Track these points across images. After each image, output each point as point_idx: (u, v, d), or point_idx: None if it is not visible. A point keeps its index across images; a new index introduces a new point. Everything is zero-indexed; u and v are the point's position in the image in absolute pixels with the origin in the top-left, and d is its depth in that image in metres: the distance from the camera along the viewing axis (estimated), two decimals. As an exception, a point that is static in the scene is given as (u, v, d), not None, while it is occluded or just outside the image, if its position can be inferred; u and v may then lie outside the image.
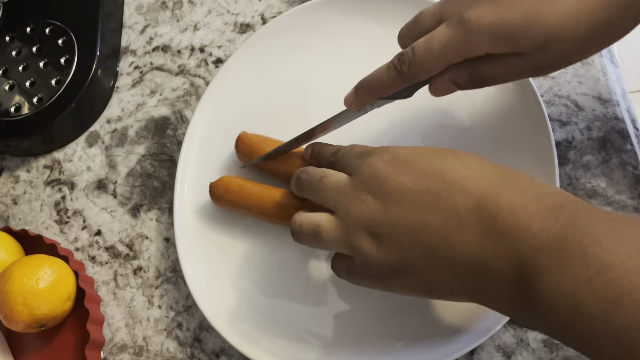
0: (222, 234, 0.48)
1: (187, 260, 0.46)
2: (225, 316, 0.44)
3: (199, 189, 0.49)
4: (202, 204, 0.49)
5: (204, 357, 0.46)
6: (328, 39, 0.51)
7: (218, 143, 0.50)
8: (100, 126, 0.56)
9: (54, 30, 0.57)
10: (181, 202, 0.48)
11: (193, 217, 0.48)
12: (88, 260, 0.52)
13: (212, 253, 0.47)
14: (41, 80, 0.56)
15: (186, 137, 0.50)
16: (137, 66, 0.57)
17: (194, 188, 0.49)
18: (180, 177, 0.49)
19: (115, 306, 0.49)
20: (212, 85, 0.51)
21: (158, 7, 0.59)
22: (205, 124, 0.51)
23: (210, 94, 0.51)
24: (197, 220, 0.48)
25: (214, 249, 0.47)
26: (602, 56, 0.48)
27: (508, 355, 0.42)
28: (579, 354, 0.41)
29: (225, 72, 0.51)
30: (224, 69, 0.51)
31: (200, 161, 0.50)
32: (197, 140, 0.50)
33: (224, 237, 0.48)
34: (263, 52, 0.52)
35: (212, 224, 0.48)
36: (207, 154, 0.50)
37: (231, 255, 0.47)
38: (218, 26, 0.57)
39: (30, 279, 0.45)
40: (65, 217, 0.54)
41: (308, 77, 0.51)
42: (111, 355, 0.48)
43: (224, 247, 0.47)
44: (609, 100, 0.47)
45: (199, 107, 0.51)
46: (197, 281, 0.46)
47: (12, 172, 0.57)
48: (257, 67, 0.52)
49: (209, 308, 0.44)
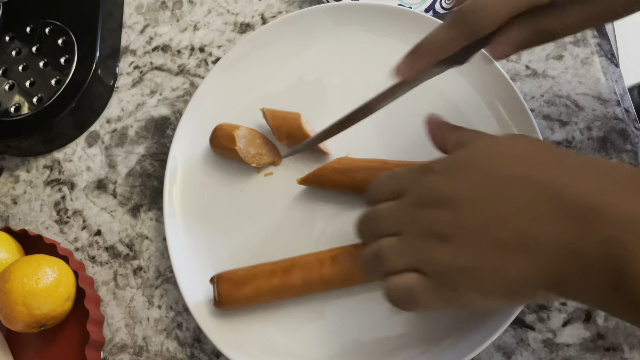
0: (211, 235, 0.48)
1: (182, 271, 0.46)
2: (219, 325, 0.44)
3: (186, 189, 0.49)
4: (189, 207, 0.49)
5: (204, 357, 0.46)
6: (317, 47, 0.51)
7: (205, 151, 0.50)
8: (100, 126, 0.56)
9: (54, 30, 0.57)
10: (170, 205, 0.49)
11: (183, 222, 0.48)
12: (88, 260, 0.51)
13: (203, 256, 0.47)
14: (41, 80, 0.56)
15: (173, 143, 0.50)
16: (137, 66, 0.57)
17: (181, 189, 0.49)
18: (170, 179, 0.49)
19: (115, 306, 0.49)
20: (200, 91, 0.51)
21: (158, 7, 0.59)
22: (190, 135, 0.50)
23: (196, 103, 0.51)
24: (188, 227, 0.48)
25: (205, 250, 0.47)
26: (602, 56, 0.48)
27: (508, 355, 0.42)
28: (579, 355, 0.41)
29: (211, 79, 0.51)
30: (211, 75, 0.51)
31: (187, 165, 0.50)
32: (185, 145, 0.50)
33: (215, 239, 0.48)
34: (252, 58, 0.52)
35: (202, 229, 0.48)
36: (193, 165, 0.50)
37: (224, 259, 0.47)
38: (218, 26, 0.57)
39: (30, 279, 0.45)
40: (65, 217, 0.54)
41: (297, 85, 0.51)
42: (111, 355, 0.48)
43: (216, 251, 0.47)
44: (609, 100, 0.47)
45: (186, 114, 0.51)
46: (191, 289, 0.46)
47: (12, 172, 0.57)
48: (246, 74, 0.52)
49: (200, 314, 0.44)
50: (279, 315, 0.44)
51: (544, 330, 0.42)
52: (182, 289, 0.45)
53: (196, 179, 0.50)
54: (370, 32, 0.51)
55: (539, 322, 0.42)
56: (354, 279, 0.42)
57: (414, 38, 0.49)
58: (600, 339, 0.41)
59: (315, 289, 0.42)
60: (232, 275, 0.43)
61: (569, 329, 0.42)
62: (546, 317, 0.42)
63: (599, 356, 0.41)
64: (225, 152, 0.48)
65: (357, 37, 0.51)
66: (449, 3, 0.35)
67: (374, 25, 0.50)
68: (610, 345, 0.41)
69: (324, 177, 0.45)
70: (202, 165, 0.50)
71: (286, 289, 0.42)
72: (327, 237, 0.46)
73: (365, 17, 0.50)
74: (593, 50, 0.48)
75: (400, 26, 0.49)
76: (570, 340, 0.42)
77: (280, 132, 0.47)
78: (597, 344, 0.41)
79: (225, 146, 0.47)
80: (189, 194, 0.49)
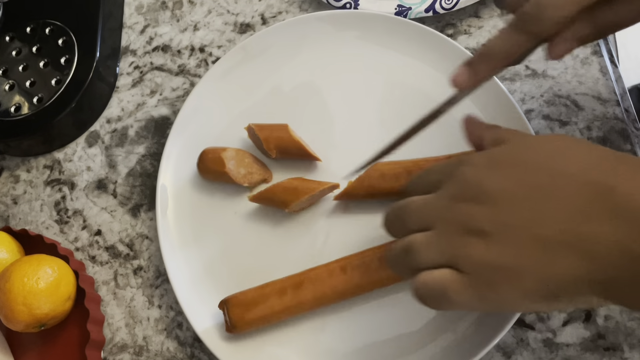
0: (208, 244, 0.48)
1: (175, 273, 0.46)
2: (214, 329, 0.44)
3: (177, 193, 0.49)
4: (181, 211, 0.49)
5: (204, 357, 0.46)
6: (316, 52, 0.51)
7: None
8: (100, 126, 0.56)
9: (54, 30, 0.57)
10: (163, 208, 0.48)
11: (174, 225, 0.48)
12: (88, 260, 0.52)
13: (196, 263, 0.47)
14: (41, 80, 0.56)
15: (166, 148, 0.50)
16: (137, 66, 0.57)
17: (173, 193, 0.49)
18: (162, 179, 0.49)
19: (115, 306, 0.49)
20: (191, 98, 0.51)
21: (158, 7, 0.59)
22: (176, 163, 0.50)
23: (179, 129, 0.50)
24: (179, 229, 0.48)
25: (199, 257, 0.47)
26: (602, 56, 0.48)
27: (508, 355, 0.42)
28: (579, 355, 0.41)
29: (204, 86, 0.51)
30: (204, 80, 0.51)
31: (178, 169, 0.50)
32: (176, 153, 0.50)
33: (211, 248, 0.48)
34: (251, 63, 0.52)
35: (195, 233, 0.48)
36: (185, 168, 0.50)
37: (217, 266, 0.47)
38: (218, 26, 0.57)
39: (30, 278, 0.45)
40: (65, 217, 0.54)
41: (294, 90, 0.51)
42: (111, 355, 0.48)
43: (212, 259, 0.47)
44: (608, 100, 0.47)
45: (178, 120, 0.50)
46: (186, 293, 0.46)
47: (12, 172, 0.57)
48: (242, 80, 0.51)
49: (213, 341, 0.44)
50: (292, 332, 0.44)
51: (544, 330, 0.42)
52: (190, 319, 0.44)
53: (187, 207, 0.49)
54: (365, 40, 0.50)
55: (538, 322, 0.42)
56: (365, 287, 0.41)
57: (408, 47, 0.49)
58: (600, 339, 0.41)
59: (327, 301, 0.42)
60: (241, 297, 0.42)
61: (569, 328, 0.42)
62: (546, 317, 0.42)
63: (599, 356, 0.41)
64: (215, 176, 0.47)
65: (350, 45, 0.51)
66: (504, 7, 0.35)
67: (370, 34, 0.50)
68: (610, 345, 0.41)
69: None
70: (191, 193, 0.49)
71: (299, 304, 0.41)
72: (330, 247, 0.45)
73: (361, 26, 0.50)
74: (593, 51, 0.48)
75: (395, 35, 0.49)
76: (570, 340, 0.42)
77: (269, 142, 0.46)
78: (597, 344, 0.41)
79: (215, 169, 0.46)
80: (182, 223, 0.48)
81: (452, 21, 0.52)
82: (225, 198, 0.48)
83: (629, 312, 0.41)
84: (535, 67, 0.49)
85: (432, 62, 0.48)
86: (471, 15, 0.52)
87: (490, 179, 0.30)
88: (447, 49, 0.48)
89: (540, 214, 0.29)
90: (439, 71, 0.48)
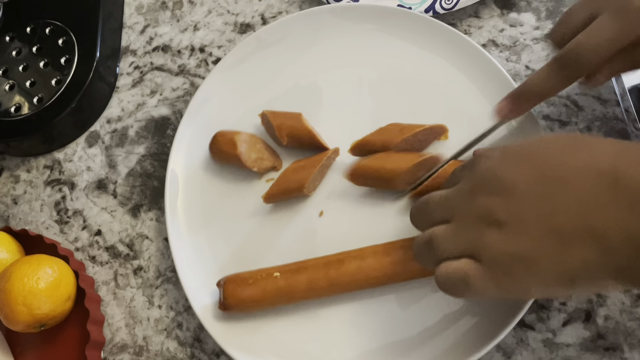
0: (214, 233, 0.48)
1: (183, 266, 0.46)
2: (221, 322, 0.44)
3: (188, 188, 0.49)
4: (191, 208, 0.49)
5: (204, 357, 0.46)
6: (330, 44, 0.51)
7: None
8: (100, 126, 0.56)
9: (54, 30, 0.57)
10: (172, 205, 0.48)
11: (185, 220, 0.48)
12: (88, 260, 0.52)
13: (204, 252, 0.47)
14: (41, 80, 0.56)
15: (175, 140, 0.50)
16: (137, 66, 0.57)
17: (184, 188, 0.49)
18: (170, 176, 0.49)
19: (115, 306, 0.49)
20: (197, 97, 0.51)
21: (158, 7, 0.59)
22: (189, 144, 0.50)
23: (194, 110, 0.50)
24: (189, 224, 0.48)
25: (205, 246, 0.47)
26: (602, 56, 0.48)
27: (508, 355, 0.42)
28: (579, 355, 0.41)
29: (208, 85, 0.51)
30: (217, 69, 0.51)
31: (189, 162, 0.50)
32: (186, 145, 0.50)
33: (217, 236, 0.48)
34: (251, 61, 0.52)
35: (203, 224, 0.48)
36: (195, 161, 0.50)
37: (226, 258, 0.47)
38: (218, 26, 0.57)
39: (30, 278, 0.45)
40: (66, 217, 0.54)
41: (308, 83, 0.51)
42: (111, 355, 0.48)
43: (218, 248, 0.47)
44: (608, 100, 0.47)
45: (190, 108, 0.50)
46: (193, 285, 0.45)
47: (12, 172, 0.57)
48: (243, 80, 0.51)
49: (203, 311, 0.44)
50: (286, 318, 0.44)
51: (544, 330, 0.42)
52: (187, 292, 0.45)
53: (197, 188, 0.49)
54: (380, 32, 0.50)
55: (538, 322, 0.42)
56: (360, 283, 0.41)
57: (414, 37, 0.50)
58: (600, 339, 0.41)
59: (322, 292, 0.42)
60: (238, 275, 0.43)
61: (569, 328, 0.42)
62: (546, 317, 0.42)
63: (599, 356, 0.41)
64: (226, 158, 0.47)
65: (359, 38, 0.51)
66: (550, 43, 0.39)
67: (381, 25, 0.50)
68: (610, 345, 0.41)
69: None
70: (202, 174, 0.49)
71: (291, 291, 0.42)
72: (332, 240, 0.45)
73: (372, 18, 0.50)
74: (593, 51, 0.48)
75: (404, 26, 0.50)
76: (570, 340, 0.42)
77: (281, 130, 0.46)
78: (597, 344, 0.41)
79: (226, 151, 0.47)
80: (190, 203, 0.49)
81: (452, 21, 0.52)
82: (234, 182, 0.49)
83: (629, 312, 0.41)
84: (535, 67, 0.49)
85: (448, 56, 0.49)
86: (471, 15, 0.52)
87: (506, 171, 0.32)
88: (462, 44, 0.48)
89: (554, 205, 0.30)
90: (455, 66, 0.48)
